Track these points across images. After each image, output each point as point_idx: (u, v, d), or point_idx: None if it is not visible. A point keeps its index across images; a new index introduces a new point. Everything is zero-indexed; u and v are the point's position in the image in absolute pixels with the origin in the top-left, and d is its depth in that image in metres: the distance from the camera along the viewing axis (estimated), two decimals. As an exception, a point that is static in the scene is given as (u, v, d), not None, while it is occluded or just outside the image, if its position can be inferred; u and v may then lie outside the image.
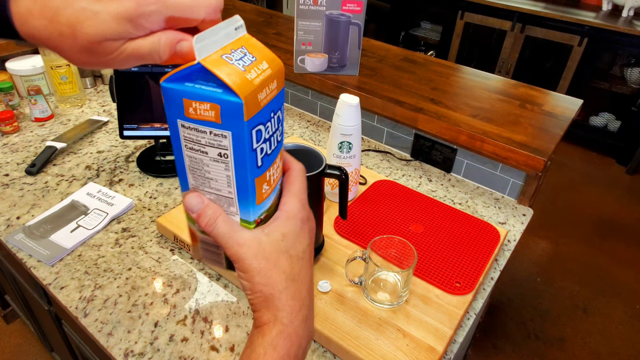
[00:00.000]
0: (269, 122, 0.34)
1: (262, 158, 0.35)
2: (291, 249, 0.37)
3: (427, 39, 3.52)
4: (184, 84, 0.31)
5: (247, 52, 0.33)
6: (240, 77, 0.30)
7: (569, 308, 1.91)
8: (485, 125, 1.04)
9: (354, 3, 1.13)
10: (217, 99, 0.30)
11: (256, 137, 0.33)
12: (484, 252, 0.82)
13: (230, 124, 0.31)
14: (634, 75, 2.80)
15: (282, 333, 0.36)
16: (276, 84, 0.34)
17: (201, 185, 0.36)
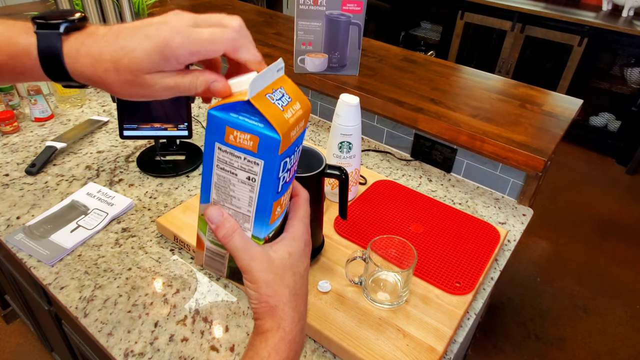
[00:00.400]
0: (293, 155, 0.39)
1: (282, 185, 0.40)
2: (295, 266, 0.41)
3: (427, 39, 3.52)
4: (229, 114, 0.36)
5: (284, 92, 0.38)
6: (279, 116, 0.36)
7: (569, 308, 1.91)
8: (485, 125, 1.04)
9: (354, 3, 1.13)
10: (258, 132, 0.35)
11: (283, 168, 0.38)
12: (484, 252, 0.82)
13: (265, 155, 0.36)
14: (634, 75, 2.80)
15: (284, 339, 0.40)
16: (303, 123, 0.39)
17: (223, 201, 0.41)
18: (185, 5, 1.78)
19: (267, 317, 0.40)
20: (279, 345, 0.39)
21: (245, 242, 0.40)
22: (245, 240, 0.40)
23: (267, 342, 0.39)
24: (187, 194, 1.00)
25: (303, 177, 0.69)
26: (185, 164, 1.07)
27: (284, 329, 0.40)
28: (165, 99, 1.00)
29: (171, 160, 1.08)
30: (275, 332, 0.40)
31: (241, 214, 0.41)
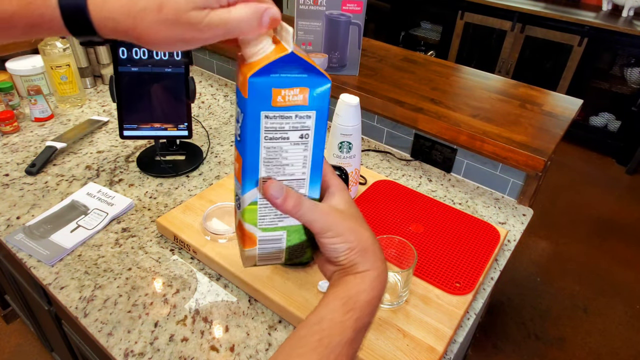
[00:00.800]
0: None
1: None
2: (358, 211, 0.44)
3: (427, 39, 3.52)
4: (270, 76, 0.35)
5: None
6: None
7: (569, 308, 1.91)
8: (485, 125, 1.04)
9: (354, 3, 1.13)
10: (308, 82, 0.35)
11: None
12: (484, 252, 0.82)
13: (316, 104, 0.36)
14: (634, 75, 2.80)
15: (378, 277, 0.41)
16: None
17: (275, 174, 0.40)
18: (185, 5, 1.78)
19: (362, 260, 0.41)
20: (374, 282, 0.41)
21: (313, 204, 0.41)
22: (312, 203, 0.41)
23: (365, 280, 0.40)
24: (187, 194, 1.00)
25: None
26: (185, 164, 1.07)
27: (378, 268, 0.41)
28: (164, 99, 1.00)
29: (171, 160, 1.08)
30: (371, 272, 0.41)
31: (295, 181, 0.40)
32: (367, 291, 0.40)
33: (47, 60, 1.25)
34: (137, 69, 0.97)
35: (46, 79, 1.36)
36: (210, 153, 1.14)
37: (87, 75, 1.44)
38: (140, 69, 0.97)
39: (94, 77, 1.48)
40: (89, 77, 1.44)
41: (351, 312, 0.38)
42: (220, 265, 0.78)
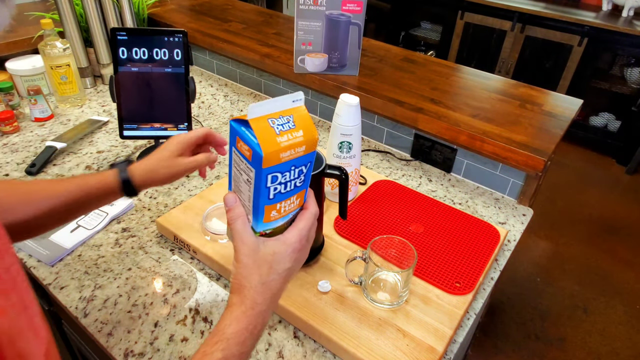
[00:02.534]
0: (288, 173, 0.47)
1: (275, 194, 0.47)
2: (275, 264, 0.50)
3: (427, 39, 3.52)
4: (240, 127, 0.46)
5: (291, 120, 0.45)
6: (270, 138, 0.44)
7: (569, 308, 1.91)
8: (485, 125, 1.04)
9: (354, 3, 1.13)
10: (251, 146, 0.44)
11: (271, 180, 0.46)
12: (484, 252, 0.82)
13: (255, 166, 0.45)
14: (634, 75, 2.80)
15: (245, 314, 0.47)
16: (304, 149, 0.46)
17: (237, 192, 0.52)
18: (185, 6, 1.78)
19: (236, 293, 0.49)
20: (240, 317, 0.47)
21: (244, 228, 0.50)
22: (244, 227, 0.50)
23: (232, 313, 0.47)
24: (187, 194, 1.00)
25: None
26: (185, 164, 1.07)
27: (246, 305, 0.48)
28: (164, 99, 1.00)
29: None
30: (238, 307, 0.48)
31: (246, 206, 0.50)
32: (232, 324, 0.46)
33: (47, 60, 1.25)
34: (137, 69, 0.97)
35: (46, 79, 1.36)
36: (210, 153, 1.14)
37: (87, 75, 1.44)
38: (140, 69, 0.97)
39: (94, 77, 1.48)
40: (89, 77, 1.44)
41: (218, 344, 0.45)
42: (220, 265, 0.78)
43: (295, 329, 0.71)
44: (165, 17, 1.65)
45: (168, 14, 1.68)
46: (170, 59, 0.97)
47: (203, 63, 1.63)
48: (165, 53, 0.97)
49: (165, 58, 0.97)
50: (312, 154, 0.48)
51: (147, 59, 0.97)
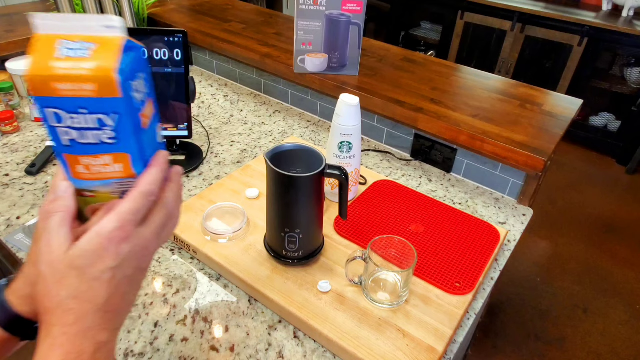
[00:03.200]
0: (77, 116, 0.35)
1: (71, 141, 0.36)
2: (87, 267, 0.35)
3: (427, 39, 3.52)
4: None
5: (91, 48, 0.34)
6: (46, 59, 0.33)
7: (569, 308, 1.91)
8: (485, 125, 1.04)
9: (354, 3, 1.13)
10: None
11: (54, 118, 0.35)
12: (484, 252, 0.82)
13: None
14: (634, 75, 2.80)
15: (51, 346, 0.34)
16: (93, 88, 0.34)
17: None
18: (185, 5, 1.78)
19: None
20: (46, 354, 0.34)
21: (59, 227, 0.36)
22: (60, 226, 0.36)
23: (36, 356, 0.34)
24: (187, 194, 1.00)
25: (303, 177, 0.69)
26: (185, 164, 1.07)
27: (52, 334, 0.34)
28: (164, 99, 1.00)
29: (171, 161, 1.08)
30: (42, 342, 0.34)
31: None
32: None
33: (47, 60, 1.25)
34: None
35: (46, 79, 1.36)
36: (210, 153, 1.14)
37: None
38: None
39: (94, 77, 1.47)
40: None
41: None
42: (220, 265, 0.78)
43: (295, 329, 0.71)
44: (165, 17, 1.65)
45: (168, 14, 1.68)
46: (170, 59, 0.97)
47: (203, 63, 1.63)
48: (165, 53, 0.97)
49: (165, 58, 0.97)
50: (115, 100, 0.35)
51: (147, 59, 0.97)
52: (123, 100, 0.35)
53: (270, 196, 0.73)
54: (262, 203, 0.90)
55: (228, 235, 0.82)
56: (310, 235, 0.76)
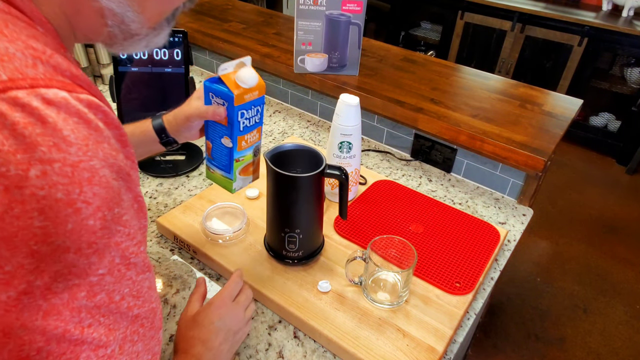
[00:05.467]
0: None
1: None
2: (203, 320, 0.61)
3: (427, 39, 3.52)
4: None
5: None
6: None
7: (569, 308, 1.91)
8: (485, 125, 1.04)
9: (354, 3, 1.13)
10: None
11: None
12: (484, 252, 0.82)
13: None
14: (634, 75, 2.80)
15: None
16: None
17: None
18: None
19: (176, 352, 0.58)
20: None
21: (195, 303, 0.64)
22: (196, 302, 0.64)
23: None
24: (187, 194, 1.00)
25: (303, 177, 0.69)
26: (185, 164, 1.07)
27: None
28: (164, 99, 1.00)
29: (171, 160, 1.08)
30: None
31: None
32: None
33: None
34: (137, 69, 0.97)
35: (46, 79, 1.36)
36: (210, 153, 1.14)
37: (87, 75, 1.44)
38: (140, 69, 0.97)
39: (94, 77, 1.47)
40: (89, 77, 1.44)
41: None
42: (220, 265, 0.78)
43: (295, 329, 0.71)
44: (165, 17, 1.65)
45: (168, 14, 1.67)
46: (170, 59, 0.97)
47: (203, 63, 1.63)
48: (165, 53, 0.97)
49: (165, 58, 0.97)
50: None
51: (147, 59, 0.97)
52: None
53: (270, 196, 0.73)
54: (262, 203, 0.90)
55: (228, 235, 0.82)
56: (310, 235, 0.76)
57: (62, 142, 0.27)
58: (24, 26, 0.30)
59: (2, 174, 0.25)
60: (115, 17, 0.37)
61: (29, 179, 0.26)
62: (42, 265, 0.27)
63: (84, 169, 0.28)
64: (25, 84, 0.27)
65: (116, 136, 0.32)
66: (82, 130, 0.28)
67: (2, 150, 0.25)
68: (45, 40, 0.31)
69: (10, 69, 0.27)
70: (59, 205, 0.27)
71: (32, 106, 0.26)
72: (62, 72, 0.30)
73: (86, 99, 0.30)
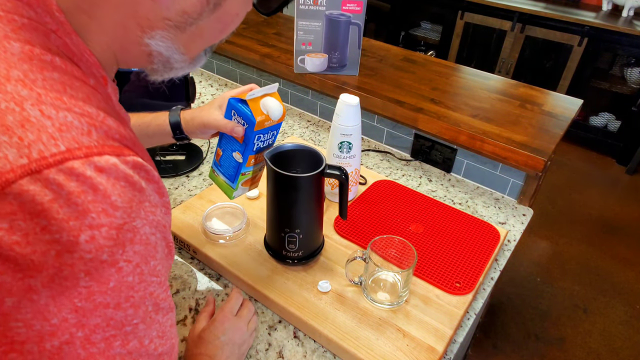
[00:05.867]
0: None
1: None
2: (208, 336, 0.64)
3: (427, 39, 3.51)
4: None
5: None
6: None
7: (569, 308, 1.91)
8: (485, 125, 1.04)
9: (354, 3, 1.13)
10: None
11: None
12: (484, 252, 0.82)
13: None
14: (634, 75, 2.80)
15: None
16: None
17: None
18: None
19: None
20: None
21: (202, 321, 0.67)
22: (203, 320, 0.67)
23: None
24: (187, 194, 1.00)
25: (303, 177, 0.69)
26: (185, 164, 1.07)
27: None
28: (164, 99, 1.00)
29: (171, 160, 1.08)
30: None
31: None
32: None
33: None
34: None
35: (46, 79, 1.36)
36: (210, 153, 1.14)
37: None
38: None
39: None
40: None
41: None
42: (220, 265, 0.78)
43: (295, 329, 0.71)
44: (165, 17, 1.65)
45: (168, 14, 1.67)
46: (170, 59, 0.97)
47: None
48: (165, 53, 0.97)
49: (165, 58, 0.97)
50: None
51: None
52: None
53: (270, 196, 0.73)
54: (262, 203, 0.90)
55: (228, 235, 0.82)
56: (310, 235, 0.76)
57: (109, 208, 0.30)
58: (79, 85, 0.33)
59: (56, 240, 0.28)
60: (161, 58, 0.40)
61: (79, 244, 0.28)
62: (84, 320, 0.30)
63: (127, 230, 0.31)
64: (80, 154, 0.29)
65: (155, 190, 0.34)
66: (128, 193, 0.31)
67: (57, 219, 0.28)
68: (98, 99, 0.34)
69: (67, 139, 0.29)
70: (104, 267, 0.30)
71: (86, 176, 0.29)
72: (112, 136, 0.32)
73: (132, 160, 0.32)
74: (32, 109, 0.29)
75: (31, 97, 0.29)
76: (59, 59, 0.33)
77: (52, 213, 0.28)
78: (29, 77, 0.30)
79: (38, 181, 0.27)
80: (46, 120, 0.29)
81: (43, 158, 0.28)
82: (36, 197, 0.27)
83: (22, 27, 0.32)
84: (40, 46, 0.32)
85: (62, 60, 0.33)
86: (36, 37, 0.32)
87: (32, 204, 0.27)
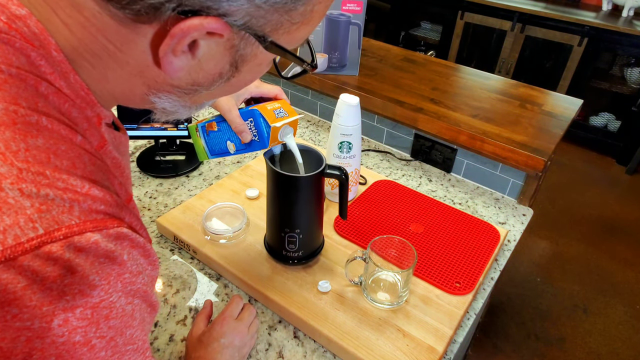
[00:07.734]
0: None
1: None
2: (207, 339, 0.63)
3: (427, 39, 3.51)
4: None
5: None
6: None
7: (569, 308, 1.91)
8: (485, 125, 1.04)
9: (354, 3, 1.13)
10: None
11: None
12: (484, 252, 0.82)
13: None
14: (634, 75, 2.80)
15: None
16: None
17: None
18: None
19: None
20: None
21: (200, 324, 0.66)
22: (201, 323, 0.66)
23: None
24: (187, 194, 1.00)
25: (303, 177, 0.69)
26: (185, 164, 1.07)
27: None
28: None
29: (171, 160, 1.08)
30: None
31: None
32: None
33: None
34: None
35: (46, 79, 1.36)
36: (210, 153, 1.14)
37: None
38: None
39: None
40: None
41: None
42: (220, 265, 0.78)
43: (295, 329, 0.71)
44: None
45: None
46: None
47: (203, 63, 1.63)
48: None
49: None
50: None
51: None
52: None
53: (270, 196, 0.73)
54: (262, 203, 0.90)
55: (228, 235, 0.82)
56: (310, 235, 0.76)
57: (86, 288, 0.29)
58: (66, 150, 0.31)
59: (27, 327, 0.27)
60: (165, 111, 0.39)
61: (51, 330, 0.27)
62: None
63: (103, 308, 0.30)
64: (60, 235, 0.28)
65: (141, 253, 0.33)
66: (107, 269, 0.30)
67: (29, 306, 0.27)
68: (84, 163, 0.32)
69: (47, 220, 0.28)
70: (76, 348, 0.28)
71: (63, 259, 0.28)
72: (96, 209, 0.31)
73: (115, 233, 0.31)
74: (11, 188, 0.27)
75: (11, 175, 0.28)
76: (45, 119, 0.31)
77: (24, 301, 0.26)
78: (11, 148, 0.28)
79: (12, 268, 0.26)
80: (25, 201, 0.28)
81: (19, 244, 0.27)
82: (9, 286, 0.26)
83: (7, 81, 0.30)
84: (27, 104, 0.30)
85: (48, 119, 0.31)
86: (23, 91, 0.30)
87: (3, 293, 0.26)
